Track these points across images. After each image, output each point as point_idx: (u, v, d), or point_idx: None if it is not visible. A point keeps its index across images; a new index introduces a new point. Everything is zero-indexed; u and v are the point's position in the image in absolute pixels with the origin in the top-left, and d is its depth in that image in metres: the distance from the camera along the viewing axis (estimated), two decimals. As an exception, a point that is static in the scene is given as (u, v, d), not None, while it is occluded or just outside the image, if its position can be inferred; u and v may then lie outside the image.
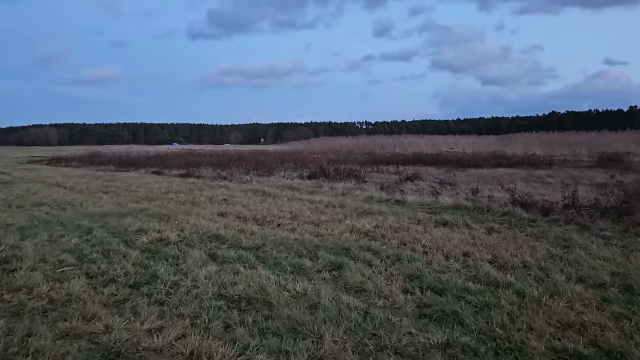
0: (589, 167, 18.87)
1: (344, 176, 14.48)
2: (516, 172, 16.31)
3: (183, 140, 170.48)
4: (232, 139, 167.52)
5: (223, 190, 11.71)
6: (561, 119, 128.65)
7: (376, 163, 21.65)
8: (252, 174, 16.94)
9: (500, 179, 13.84)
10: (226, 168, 19.76)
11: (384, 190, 10.57)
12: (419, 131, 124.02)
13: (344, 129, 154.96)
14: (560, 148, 42.67)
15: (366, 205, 8.73)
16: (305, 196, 10.27)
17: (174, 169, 19.75)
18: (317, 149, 51.09)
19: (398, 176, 15.19)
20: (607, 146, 41.98)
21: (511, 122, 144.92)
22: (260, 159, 27.42)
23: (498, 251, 5.38)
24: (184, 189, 12.41)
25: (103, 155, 34.44)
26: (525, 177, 14.30)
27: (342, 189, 11.13)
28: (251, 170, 17.97)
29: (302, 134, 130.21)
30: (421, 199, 9.12)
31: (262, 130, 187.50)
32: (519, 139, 47.19)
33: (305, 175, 15.18)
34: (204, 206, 9.33)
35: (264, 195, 10.70)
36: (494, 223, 6.96)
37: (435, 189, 10.19)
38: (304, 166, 20.02)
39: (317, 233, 6.61)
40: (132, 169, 21.00)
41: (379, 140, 55.19)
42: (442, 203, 8.49)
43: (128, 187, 13.34)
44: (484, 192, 10.00)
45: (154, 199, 10.49)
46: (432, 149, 45.16)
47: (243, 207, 9.03)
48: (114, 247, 5.85)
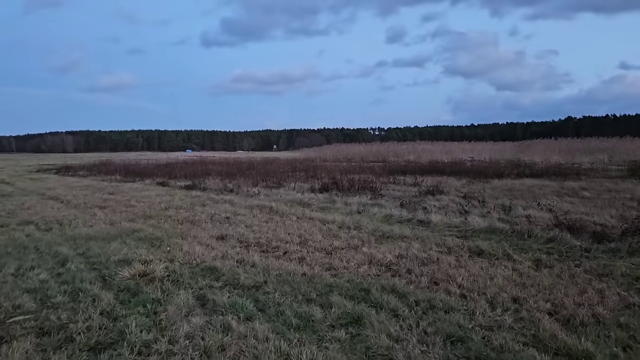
0: (621, 178, 17.58)
1: (359, 189, 13.44)
2: (544, 183, 15.11)
3: (196, 147, 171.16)
4: (245, 146, 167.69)
5: (227, 206, 10.73)
6: (578, 124, 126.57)
7: (392, 173, 20.56)
8: (260, 185, 15.97)
9: (529, 192, 12.70)
10: (234, 178, 18.85)
11: (404, 208, 9.50)
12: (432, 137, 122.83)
13: (357, 135, 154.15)
14: (581, 155, 41.16)
15: (385, 227, 7.68)
16: (317, 214, 9.24)
17: (180, 180, 18.88)
18: (330, 157, 50.10)
19: (417, 188, 14.09)
20: (632, 153, 40.45)
21: (526, 128, 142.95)
22: (270, 168, 26.49)
23: (556, 296, 4.30)
24: (185, 204, 11.46)
25: (113, 164, 33.78)
26: (556, 189, 13.12)
27: (357, 205, 10.09)
28: (260, 181, 17.01)
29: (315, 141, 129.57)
30: (447, 219, 8.03)
31: (275, 136, 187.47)
32: (537, 146, 45.71)
33: (316, 187, 14.16)
34: (204, 226, 8.35)
35: (271, 212, 9.69)
36: (540, 253, 5.86)
37: (462, 206, 9.09)
38: (316, 176, 19.02)
39: (329, 265, 5.58)
40: (138, 180, 20.16)
41: (393, 147, 53.93)
42: (472, 225, 7.40)
43: (127, 201, 12.45)
44: (517, 209, 8.88)
45: (151, 217, 9.55)
46: (448, 156, 43.97)
47: (246, 228, 8.03)
48: (87, 285, 4.87)
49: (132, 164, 33.59)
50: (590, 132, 67.45)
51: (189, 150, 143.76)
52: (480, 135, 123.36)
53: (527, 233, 6.65)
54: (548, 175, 18.98)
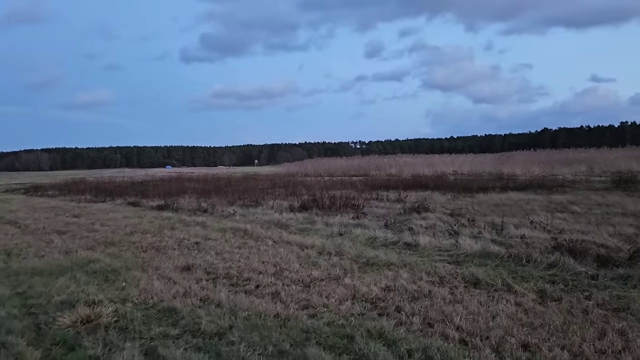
0: (606, 190, 17.24)
1: (340, 207, 12.76)
2: (531, 197, 14.63)
3: (176, 163, 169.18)
4: (225, 161, 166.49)
5: (198, 230, 9.93)
6: (553, 135, 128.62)
7: (375, 188, 19.95)
8: (237, 204, 15.18)
9: (517, 207, 12.17)
10: (210, 197, 18.03)
11: (389, 228, 8.82)
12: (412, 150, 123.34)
13: (338, 149, 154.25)
14: (561, 167, 41.24)
15: (369, 252, 6.98)
16: (295, 237, 8.50)
17: (153, 199, 17.95)
18: (311, 171, 49.47)
19: (401, 205, 13.46)
20: (610, 164, 40.67)
21: (504, 139, 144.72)
22: (249, 184, 25.70)
23: (572, 340, 3.64)
24: (154, 227, 10.63)
25: (85, 183, 32.60)
26: (544, 204, 12.62)
27: (338, 226, 9.39)
28: (237, 199, 16.22)
29: (296, 155, 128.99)
30: (437, 241, 7.38)
31: (256, 151, 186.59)
32: (517, 158, 45.76)
33: (296, 206, 13.43)
34: (169, 254, 7.56)
35: (245, 236, 8.93)
36: (543, 282, 5.22)
37: (451, 226, 8.46)
38: (295, 193, 18.30)
39: (307, 302, 4.86)
40: (109, 199, 19.17)
41: (374, 160, 53.60)
42: (464, 248, 6.75)
43: (91, 224, 11.56)
44: (509, 228, 8.27)
45: (113, 244, 8.70)
46: (429, 169, 43.67)
47: (216, 256, 7.26)
48: (13, 338, 4.06)
49: (106, 182, 32.46)
50: (566, 143, 68.32)
51: (168, 166, 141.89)
52: (460, 148, 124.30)
53: (525, 257, 6.01)
54: (533, 188, 18.57)
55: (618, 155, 42.17)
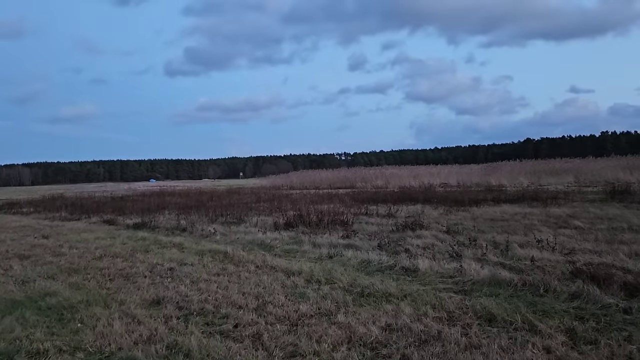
0: (602, 202, 16.74)
1: (328, 224, 11.99)
2: (527, 211, 14.02)
3: (160, 177, 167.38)
4: (210, 174, 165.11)
5: (174, 253, 9.07)
6: (536, 146, 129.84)
7: (363, 202, 19.22)
8: (219, 221, 14.34)
9: (516, 222, 11.53)
10: (191, 213, 17.14)
11: (383, 249, 8.07)
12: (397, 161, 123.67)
13: (323, 161, 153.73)
14: (547, 177, 41.07)
15: (364, 279, 6.21)
16: (280, 261, 7.69)
17: (130, 216, 17.02)
18: (297, 183, 48.74)
19: (393, 221, 12.75)
20: (596, 174, 40.52)
21: (488, 150, 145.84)
22: (233, 199, 24.83)
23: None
24: (126, 249, 9.74)
25: (64, 199, 31.42)
26: (543, 219, 11.99)
27: (327, 247, 8.61)
28: (219, 216, 15.36)
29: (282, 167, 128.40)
30: (437, 265, 6.63)
31: (241, 163, 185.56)
32: (503, 168, 45.53)
33: (281, 223, 12.63)
34: (139, 283, 6.71)
35: (225, 260, 8.10)
36: (570, 318, 4.49)
37: (452, 247, 7.72)
38: (280, 209, 17.49)
39: (294, 348, 4.07)
40: (84, 217, 18.15)
41: (360, 172, 52.98)
42: (470, 274, 6.01)
43: (59, 247, 10.62)
44: (514, 248, 7.58)
45: (78, 271, 7.81)
46: (416, 180, 43.17)
47: (192, 285, 6.43)
48: None
49: (84, 198, 31.33)
50: (549, 153, 68.62)
51: (152, 180, 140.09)
52: (444, 158, 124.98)
53: (542, 286, 5.29)
54: (525, 200, 18.00)
55: (604, 165, 42.06)
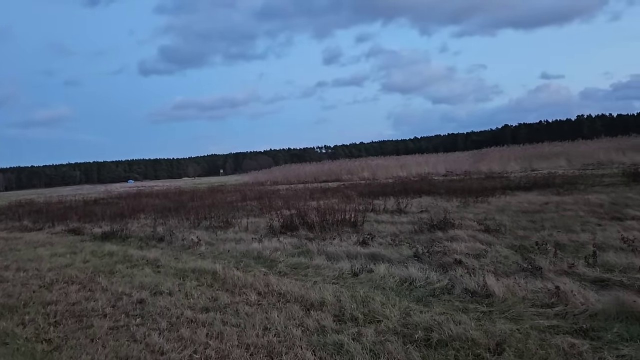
0: (627, 185, 15.15)
1: (334, 224, 10.06)
2: (556, 199, 12.29)
3: (139, 177, 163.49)
4: (190, 172, 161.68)
5: (147, 274, 7.01)
6: (514, 132, 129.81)
7: (362, 196, 17.32)
8: (202, 226, 12.30)
9: (554, 214, 9.75)
10: (171, 216, 15.05)
11: (423, 261, 6.15)
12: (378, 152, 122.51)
13: (304, 155, 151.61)
14: (539, 161, 39.81)
15: (420, 314, 4.29)
16: (289, 284, 5.71)
17: (101, 223, 14.83)
18: (280, 178, 46.67)
19: (407, 218, 10.91)
20: (588, 156, 39.40)
21: (467, 138, 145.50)
22: (216, 198, 22.70)
23: None
24: (87, 271, 7.66)
25: (31, 205, 28.85)
26: (585, 209, 10.23)
27: (346, 259, 6.68)
28: (202, 219, 13.28)
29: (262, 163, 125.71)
30: (516, 284, 4.73)
31: (221, 160, 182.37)
32: (493, 155, 44.16)
33: (276, 225, 10.65)
34: (95, 329, 4.68)
35: (215, 284, 6.09)
36: None
37: (522, 256, 5.84)
38: (272, 207, 15.49)
39: None
40: (48, 226, 15.88)
41: (345, 164, 51.14)
42: (577, 301, 4.13)
43: (5, 268, 8.51)
44: (604, 255, 5.70)
45: (14, 308, 5.73)
46: (403, 170, 41.58)
47: (169, 332, 4.43)
48: None
49: (53, 203, 28.78)
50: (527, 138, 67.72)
51: (130, 180, 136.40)
52: (424, 148, 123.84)
53: None
54: (539, 187, 16.34)
55: (595, 147, 41.01)
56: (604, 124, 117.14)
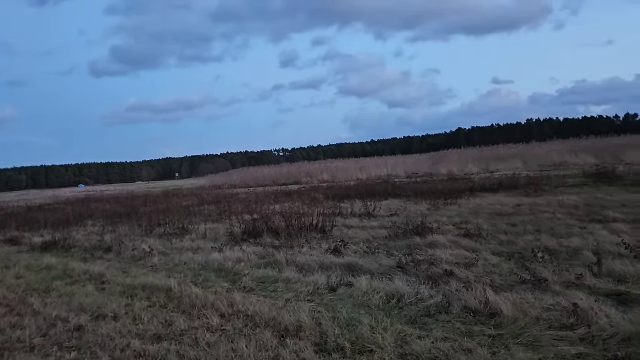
0: (591, 186, 15.11)
1: (301, 230, 9.30)
2: (528, 201, 11.98)
3: (90, 181, 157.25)
4: (144, 176, 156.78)
5: (90, 292, 6.03)
6: (468, 134, 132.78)
7: (326, 199, 16.63)
8: (156, 232, 11.28)
9: (531, 216, 9.34)
10: (122, 222, 13.90)
11: (405, 271, 5.47)
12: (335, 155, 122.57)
13: (262, 158, 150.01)
14: (496, 163, 40.32)
15: (419, 341, 3.59)
16: (257, 303, 4.90)
17: (42, 231, 13.49)
18: (238, 182, 45.44)
19: (377, 222, 10.28)
20: (543, 158, 40.25)
21: (422, 140, 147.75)
22: (171, 202, 21.50)
23: None
24: (18, 289, 6.57)
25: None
26: (561, 211, 9.89)
27: (319, 271, 5.93)
28: (155, 225, 12.23)
29: (219, 166, 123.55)
30: (522, 301, 4.12)
31: (177, 164, 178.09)
32: (451, 157, 44.49)
33: (238, 232, 9.79)
34: (16, 370, 3.75)
35: (169, 303, 5.21)
36: None
37: (525, 267, 5.25)
38: (232, 212, 14.58)
39: None
40: (-19, 235, 14.36)
41: (304, 166, 50.47)
42: (601, 321, 3.53)
43: None
44: (607, 262, 5.19)
45: None
46: (363, 173, 41.23)
47: (112, 371, 3.57)
48: None
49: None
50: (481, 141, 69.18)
51: (81, 185, 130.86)
52: (381, 150, 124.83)
53: None
54: (505, 188, 16.13)
55: (549, 149, 42.02)
56: (551, 127, 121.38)
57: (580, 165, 31.52)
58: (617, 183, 14.93)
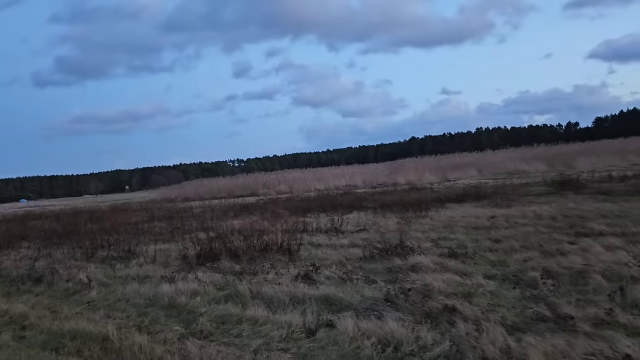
0: (557, 194, 14.86)
1: (265, 250, 8.32)
2: (501, 212, 11.45)
3: (33, 196, 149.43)
4: (91, 189, 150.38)
5: (3, 344, 4.84)
6: (421, 143, 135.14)
7: (288, 214, 15.66)
8: (98, 256, 10.01)
9: (512, 230, 8.73)
10: (60, 243, 12.45)
11: (402, 308, 4.60)
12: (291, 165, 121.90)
13: (216, 169, 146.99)
14: (453, 172, 40.51)
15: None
16: (215, 355, 3.90)
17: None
18: (192, 194, 43.72)
19: (348, 240, 9.44)
20: (498, 166, 40.77)
21: (377, 150, 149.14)
22: (118, 218, 19.94)
23: None
24: None
25: None
26: (540, 223, 9.35)
27: (290, 305, 4.99)
28: (98, 247, 10.90)
29: (172, 178, 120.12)
30: (550, 348, 3.32)
31: (127, 176, 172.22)
32: (408, 166, 44.42)
33: (193, 255, 8.69)
34: None
35: (106, 359, 4.14)
36: None
37: (526, 294, 4.49)
38: (185, 229, 13.38)
39: None
40: None
41: (261, 177, 49.26)
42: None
43: None
44: (592, 278, 4.52)
45: None
46: (321, 183, 40.43)
47: None
48: None
49: None
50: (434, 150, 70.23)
51: (22, 200, 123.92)
52: (337, 160, 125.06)
53: None
54: (471, 198, 15.66)
55: (504, 157, 42.70)
56: (500, 135, 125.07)
57: (534, 174, 31.92)
58: (583, 192, 14.72)
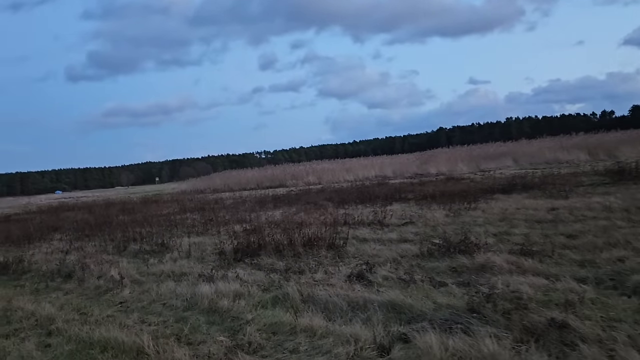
0: (616, 184, 13.74)
1: (308, 246, 7.62)
2: (563, 204, 10.48)
3: (67, 187, 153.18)
4: (123, 181, 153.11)
5: (26, 354, 4.27)
6: (449, 134, 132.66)
7: (325, 203, 14.94)
8: (130, 249, 9.51)
9: (582, 224, 7.80)
10: (93, 237, 12.07)
11: (483, 317, 3.82)
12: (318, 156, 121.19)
13: (244, 160, 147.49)
14: (487, 162, 39.12)
15: None
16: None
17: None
18: (220, 186, 43.47)
19: (396, 234, 8.65)
20: (535, 156, 39.15)
21: (404, 140, 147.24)
22: (150, 210, 19.59)
23: None
24: None
25: None
26: (614, 216, 8.38)
27: (352, 313, 4.26)
28: (130, 240, 10.41)
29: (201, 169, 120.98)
30: None
31: (157, 168, 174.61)
32: (440, 156, 43.15)
33: (230, 250, 8.06)
34: None
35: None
36: None
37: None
38: (219, 221, 12.80)
39: None
40: None
41: (289, 168, 48.59)
42: None
43: None
44: None
45: None
46: (350, 174, 39.59)
47: None
48: None
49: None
50: (462, 140, 68.37)
51: (58, 191, 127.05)
52: (363, 151, 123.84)
53: None
54: (520, 189, 14.64)
55: (541, 147, 40.96)
56: (530, 125, 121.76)
57: (576, 163, 30.43)
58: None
